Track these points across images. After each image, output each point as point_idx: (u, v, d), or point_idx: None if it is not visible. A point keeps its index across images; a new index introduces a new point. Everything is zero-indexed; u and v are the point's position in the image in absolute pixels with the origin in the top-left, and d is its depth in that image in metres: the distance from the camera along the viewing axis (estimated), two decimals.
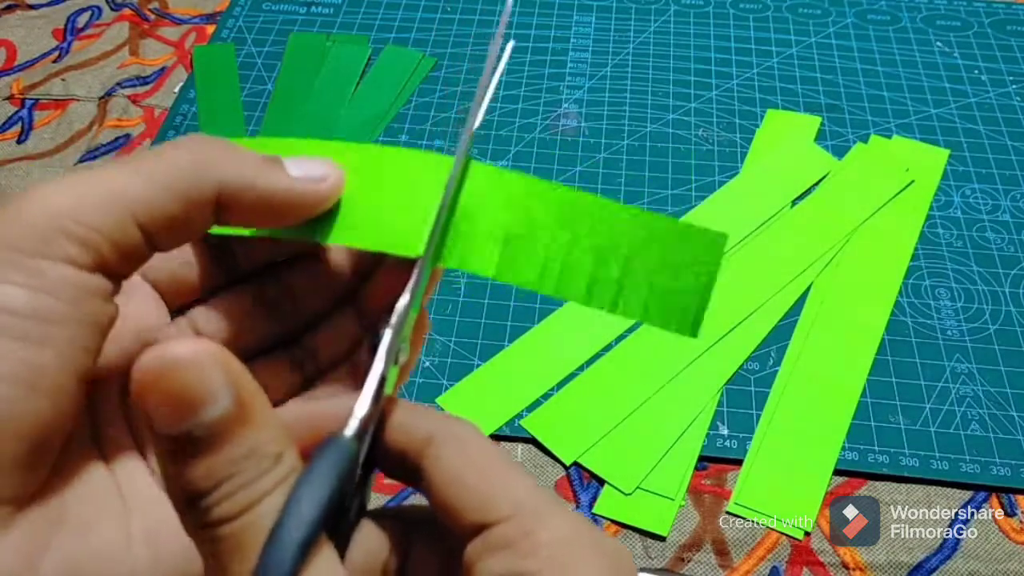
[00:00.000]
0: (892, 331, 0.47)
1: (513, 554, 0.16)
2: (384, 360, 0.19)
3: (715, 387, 0.45)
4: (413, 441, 0.19)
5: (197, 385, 0.15)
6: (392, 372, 0.19)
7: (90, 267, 0.17)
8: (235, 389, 0.16)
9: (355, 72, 0.61)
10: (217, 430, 0.15)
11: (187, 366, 0.15)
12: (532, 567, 0.16)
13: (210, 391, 0.15)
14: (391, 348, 0.19)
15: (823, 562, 0.39)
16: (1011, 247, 0.51)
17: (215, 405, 0.15)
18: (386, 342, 0.19)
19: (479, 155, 0.57)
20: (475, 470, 0.18)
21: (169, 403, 0.15)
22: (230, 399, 0.16)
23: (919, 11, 0.67)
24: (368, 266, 0.23)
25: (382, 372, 0.19)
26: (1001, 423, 0.44)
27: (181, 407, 0.15)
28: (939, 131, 0.58)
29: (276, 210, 0.20)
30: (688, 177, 0.55)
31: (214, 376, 0.15)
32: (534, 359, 0.46)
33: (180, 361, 0.15)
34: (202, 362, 0.15)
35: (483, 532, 0.17)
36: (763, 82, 0.62)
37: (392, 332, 0.19)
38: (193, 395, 0.15)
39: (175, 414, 0.15)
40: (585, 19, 0.67)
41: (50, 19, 0.67)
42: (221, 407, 0.15)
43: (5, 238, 0.17)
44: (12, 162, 0.57)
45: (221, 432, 0.16)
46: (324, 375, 0.23)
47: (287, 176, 0.20)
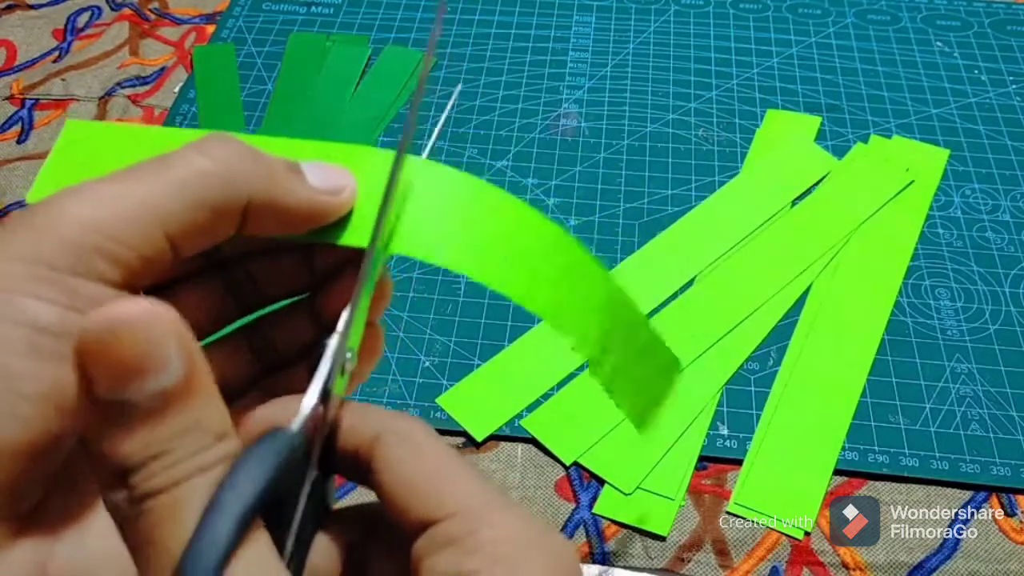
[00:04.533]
0: (892, 331, 0.47)
1: (456, 551, 0.16)
2: (330, 364, 0.19)
3: (715, 387, 0.45)
4: (361, 441, 0.19)
5: (147, 349, 0.14)
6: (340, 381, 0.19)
7: (120, 284, 0.17)
8: (187, 359, 0.15)
9: (355, 72, 0.61)
10: (162, 400, 0.15)
11: (139, 327, 0.14)
12: (475, 565, 0.16)
13: (161, 357, 0.14)
14: (337, 354, 0.19)
15: (823, 562, 0.39)
16: (1011, 247, 0.51)
17: (164, 373, 0.14)
18: (332, 348, 0.19)
19: (479, 155, 0.57)
20: (420, 468, 0.18)
21: (114, 365, 0.14)
22: (181, 369, 0.15)
23: (919, 11, 0.67)
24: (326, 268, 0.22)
25: (327, 374, 0.19)
26: (1001, 423, 0.44)
27: (127, 371, 0.14)
28: (939, 131, 0.58)
29: (296, 221, 0.19)
30: (688, 177, 0.55)
31: (166, 341, 0.14)
32: (534, 359, 0.46)
33: (132, 321, 0.14)
34: (155, 325, 0.14)
35: (428, 529, 0.17)
36: (763, 82, 0.62)
37: (338, 338, 0.19)
38: (142, 359, 0.14)
39: (119, 378, 0.14)
40: (585, 19, 0.67)
41: (50, 19, 0.67)
42: (170, 376, 0.15)
43: (38, 253, 0.16)
44: (12, 162, 0.57)
45: (164, 403, 0.15)
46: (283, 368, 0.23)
47: (309, 188, 0.19)
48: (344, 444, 0.19)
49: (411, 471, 0.18)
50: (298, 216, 0.19)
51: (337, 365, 0.19)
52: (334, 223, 0.20)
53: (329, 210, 0.20)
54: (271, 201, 0.19)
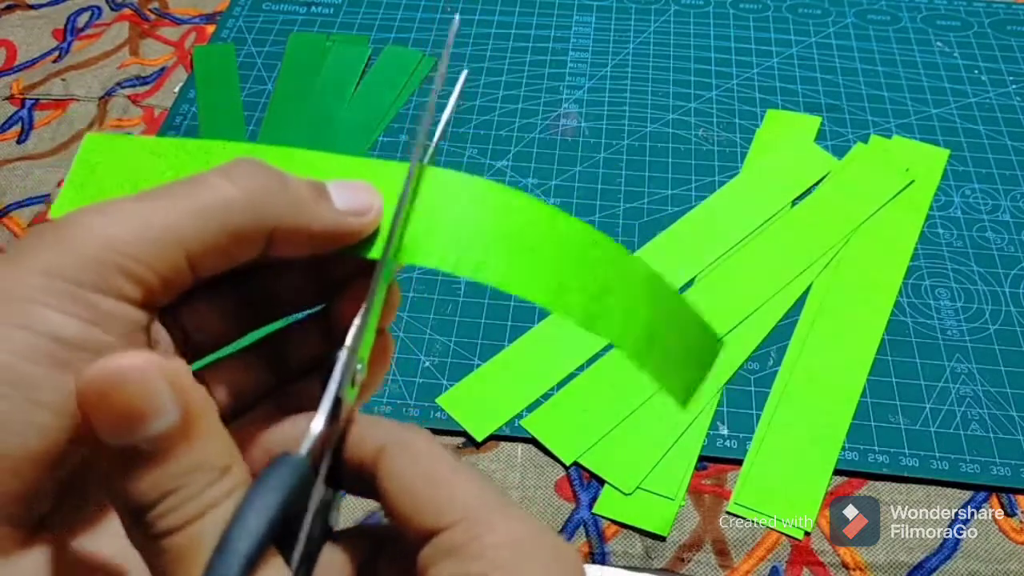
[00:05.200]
0: (892, 331, 0.47)
1: (460, 558, 0.17)
2: (339, 380, 0.19)
3: (715, 387, 0.45)
4: (366, 454, 0.19)
5: (142, 398, 0.15)
6: (351, 392, 0.19)
7: (139, 303, 0.17)
8: (181, 403, 0.16)
9: (355, 72, 0.61)
10: (162, 444, 0.15)
11: (133, 379, 0.15)
12: (478, 570, 0.16)
13: (156, 405, 0.15)
14: (346, 368, 0.19)
15: (823, 562, 0.39)
16: (1011, 247, 0.51)
17: (160, 419, 0.15)
18: (341, 362, 0.19)
19: (479, 155, 0.57)
20: (423, 477, 0.18)
21: (114, 416, 0.15)
22: (176, 413, 0.15)
23: (919, 11, 0.67)
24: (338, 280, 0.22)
25: (336, 392, 0.19)
26: (1001, 423, 0.44)
27: (126, 420, 0.15)
28: (939, 131, 0.58)
29: (321, 244, 0.20)
30: (688, 177, 0.55)
31: (160, 389, 0.15)
32: (534, 359, 0.46)
33: (125, 374, 0.15)
34: (148, 375, 0.15)
35: (433, 538, 0.17)
36: (763, 82, 0.62)
37: (347, 352, 0.19)
38: (138, 409, 0.15)
39: (120, 427, 0.15)
40: (585, 19, 0.67)
41: (50, 19, 0.67)
42: (166, 421, 0.15)
43: (63, 268, 0.17)
44: (12, 162, 0.57)
45: (166, 446, 0.15)
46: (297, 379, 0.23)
47: (335, 212, 0.19)
48: (349, 459, 0.19)
49: (413, 481, 0.18)
50: (325, 240, 0.19)
51: (347, 377, 0.19)
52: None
53: (356, 232, 0.20)
54: (298, 228, 0.19)
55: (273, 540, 0.16)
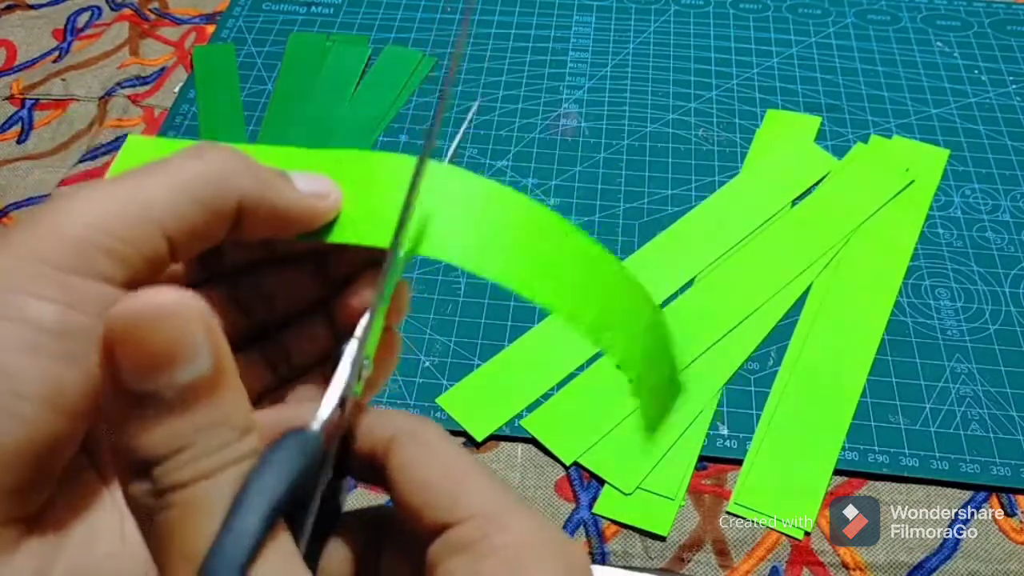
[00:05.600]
0: (892, 331, 0.47)
1: (471, 556, 0.16)
2: (348, 368, 0.19)
3: (715, 387, 0.45)
4: (377, 443, 0.19)
5: (177, 339, 0.14)
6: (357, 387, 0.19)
7: (120, 282, 0.17)
8: (215, 351, 0.15)
9: (355, 72, 0.61)
10: (189, 392, 0.14)
11: (169, 316, 0.14)
12: (489, 569, 0.16)
13: (190, 348, 0.14)
14: (356, 359, 0.19)
15: (823, 562, 0.39)
16: (1011, 247, 0.51)
17: (192, 364, 0.14)
18: (351, 352, 0.19)
19: (479, 155, 0.57)
20: (435, 471, 0.18)
21: (142, 355, 0.14)
22: (208, 361, 0.14)
23: (919, 11, 0.67)
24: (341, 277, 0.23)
25: (347, 379, 0.19)
26: (1001, 423, 0.44)
27: (155, 361, 0.14)
28: (939, 131, 0.58)
29: (286, 222, 0.20)
30: (688, 177, 0.55)
31: (196, 332, 0.14)
32: (534, 359, 0.46)
33: (162, 310, 0.14)
34: (186, 315, 0.14)
35: (443, 533, 0.17)
36: (763, 82, 0.62)
37: (357, 343, 0.19)
38: (171, 349, 0.14)
39: (147, 368, 0.14)
40: (585, 19, 0.67)
41: (50, 19, 0.67)
42: (199, 368, 0.14)
43: (39, 252, 0.16)
44: (12, 162, 0.57)
45: (192, 396, 0.14)
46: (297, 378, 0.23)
47: (298, 191, 0.20)
48: (359, 447, 0.19)
49: (425, 474, 0.18)
50: (290, 218, 0.20)
51: (355, 369, 0.19)
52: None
53: (318, 212, 0.20)
54: (261, 201, 0.19)
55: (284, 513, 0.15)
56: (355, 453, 0.19)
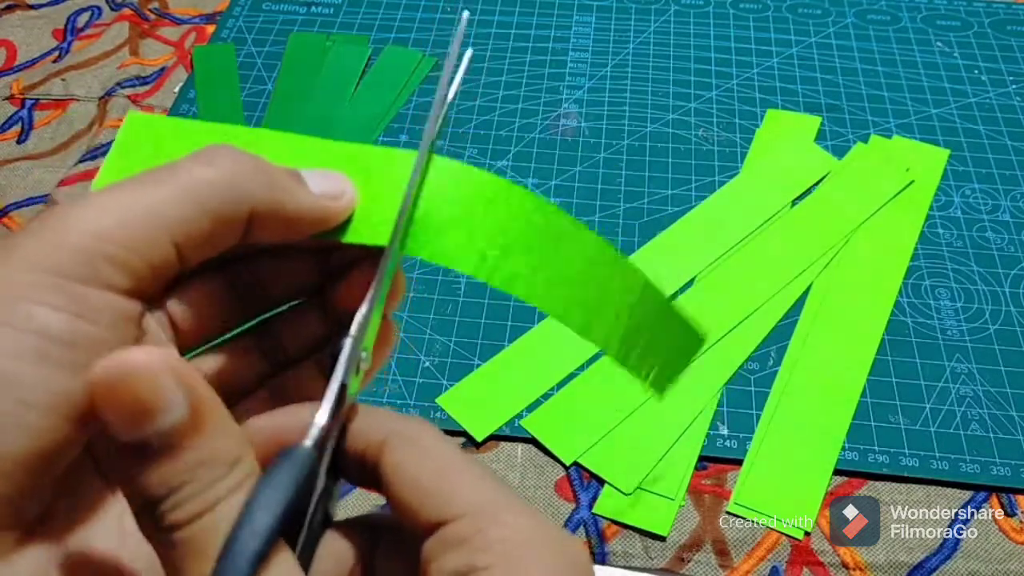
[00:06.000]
0: (892, 331, 0.47)
1: (466, 551, 0.17)
2: (343, 370, 0.19)
3: (715, 387, 0.45)
4: (369, 445, 0.19)
5: (151, 394, 0.15)
6: (354, 381, 0.19)
7: (129, 292, 0.17)
8: (190, 398, 0.16)
9: (355, 72, 0.61)
10: (171, 438, 0.16)
11: (141, 375, 0.15)
12: (484, 561, 0.16)
13: (164, 400, 0.15)
14: (351, 358, 0.19)
15: (823, 562, 0.39)
16: (1011, 247, 0.51)
17: (169, 414, 0.15)
18: (346, 352, 0.19)
19: (479, 155, 0.57)
20: (428, 469, 0.18)
21: (124, 412, 0.15)
22: (184, 408, 0.16)
23: (919, 11, 0.67)
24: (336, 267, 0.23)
25: (341, 382, 0.19)
26: (1001, 423, 0.44)
27: (136, 416, 0.15)
28: (939, 131, 0.58)
29: (300, 227, 0.20)
30: (688, 177, 0.55)
31: (168, 385, 0.15)
32: (534, 359, 0.46)
33: (134, 370, 0.15)
34: (156, 371, 0.15)
35: (438, 531, 0.17)
36: (763, 82, 0.62)
37: (351, 342, 0.19)
38: (147, 404, 0.15)
39: (130, 422, 0.15)
40: (585, 19, 0.67)
41: (50, 19, 0.67)
42: (175, 416, 0.15)
43: (46, 260, 0.16)
44: (12, 162, 0.57)
45: (175, 440, 0.16)
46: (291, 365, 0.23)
47: (311, 194, 0.20)
48: (352, 448, 0.19)
49: (418, 473, 0.18)
50: (303, 221, 0.20)
51: (352, 366, 0.19)
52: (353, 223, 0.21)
53: (332, 214, 0.20)
54: (275, 208, 0.19)
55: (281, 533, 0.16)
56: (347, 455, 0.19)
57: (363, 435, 0.19)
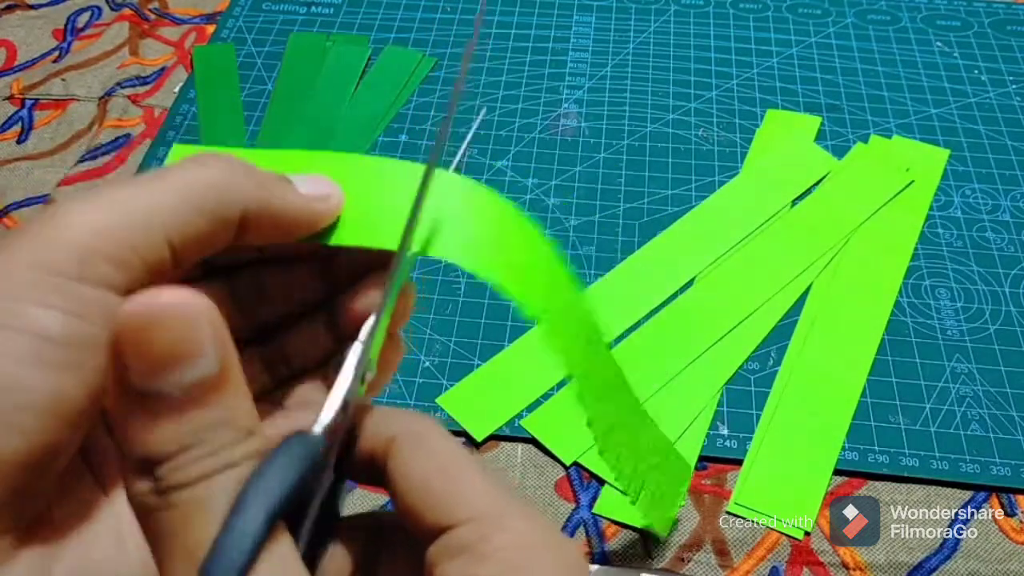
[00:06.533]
0: (892, 331, 0.47)
1: (470, 558, 0.16)
2: (352, 371, 0.19)
3: (715, 387, 0.45)
4: (377, 444, 0.19)
5: (184, 338, 0.14)
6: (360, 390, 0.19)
7: (124, 290, 0.17)
8: (221, 351, 0.15)
9: (355, 72, 0.61)
10: (195, 392, 0.15)
11: (177, 317, 0.14)
12: (487, 572, 0.16)
13: (197, 348, 0.14)
14: (360, 361, 0.19)
15: (823, 562, 0.39)
16: (1011, 247, 0.51)
17: (199, 364, 0.14)
18: (355, 354, 0.19)
19: (479, 155, 0.57)
20: (434, 472, 0.18)
21: (150, 353, 0.14)
22: (215, 361, 0.15)
23: (919, 11, 0.67)
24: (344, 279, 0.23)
25: (350, 382, 0.19)
26: (1001, 423, 0.44)
27: (162, 360, 0.14)
28: (939, 131, 0.58)
29: (290, 227, 0.20)
30: (688, 177, 0.55)
31: (203, 332, 0.14)
32: (534, 359, 0.46)
33: (170, 309, 0.14)
34: (193, 315, 0.14)
35: (442, 535, 0.17)
36: (763, 82, 0.62)
37: (361, 345, 0.19)
38: (179, 349, 0.14)
39: (154, 367, 0.14)
40: (585, 19, 0.67)
41: (50, 19, 0.67)
42: (205, 367, 0.15)
43: (42, 259, 0.16)
44: (12, 162, 0.57)
45: (198, 395, 0.15)
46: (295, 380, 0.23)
47: (300, 196, 0.20)
48: (360, 448, 0.19)
49: (424, 475, 0.18)
50: (292, 222, 0.20)
51: (359, 372, 0.19)
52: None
53: (320, 214, 0.21)
54: (264, 208, 0.19)
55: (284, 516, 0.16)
56: (355, 454, 0.19)
57: (372, 434, 0.19)
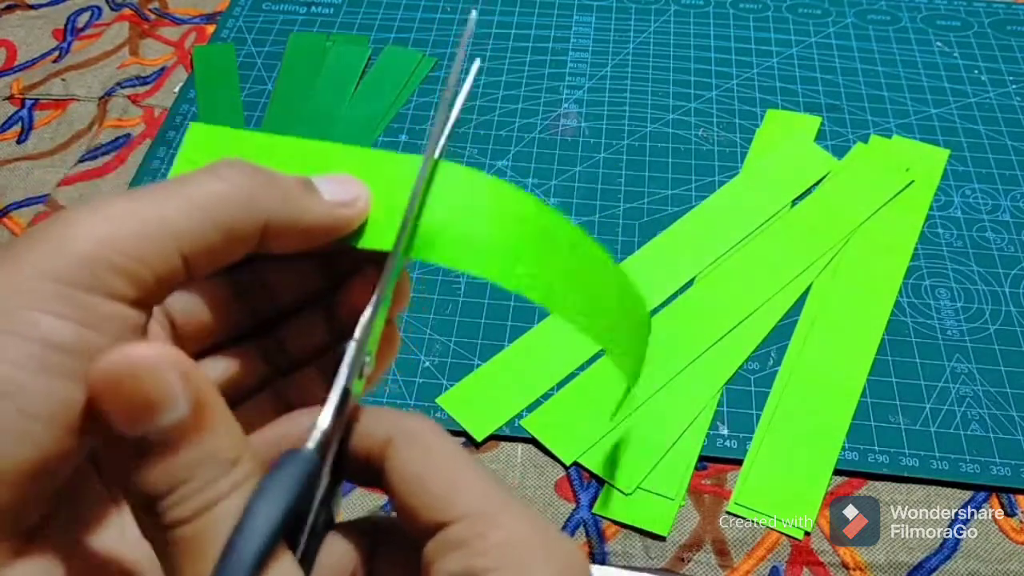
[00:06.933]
0: (892, 331, 0.47)
1: (466, 553, 0.17)
2: (347, 374, 0.19)
3: (715, 387, 0.45)
4: (373, 444, 0.19)
5: (154, 390, 0.15)
6: (357, 385, 0.19)
7: (133, 302, 0.17)
8: (192, 395, 0.16)
9: (355, 72, 0.61)
10: (173, 435, 0.15)
11: (144, 371, 0.15)
12: (484, 565, 0.16)
13: (166, 397, 0.15)
14: (354, 362, 0.19)
15: (823, 562, 0.39)
16: (1011, 247, 0.51)
17: (171, 411, 0.15)
18: (349, 356, 0.19)
19: (479, 155, 0.57)
20: (431, 470, 0.18)
21: (126, 407, 0.15)
22: (186, 405, 0.15)
23: (919, 11, 0.67)
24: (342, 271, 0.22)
25: (344, 386, 0.19)
26: (1001, 423, 0.44)
27: (138, 411, 0.15)
28: (939, 131, 0.58)
29: (316, 237, 0.20)
30: (688, 177, 0.55)
31: (171, 381, 0.15)
32: (534, 359, 0.46)
33: (137, 365, 0.15)
34: (159, 367, 0.15)
35: (439, 532, 0.17)
36: (763, 82, 0.62)
37: (356, 346, 0.19)
38: (150, 400, 0.15)
39: (132, 418, 0.15)
40: (585, 19, 0.67)
41: (50, 19, 0.67)
42: (177, 413, 0.15)
43: (53, 268, 0.16)
44: (12, 162, 0.57)
45: (176, 437, 0.15)
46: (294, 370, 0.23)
47: (324, 204, 0.20)
48: (356, 448, 0.19)
49: (421, 474, 0.18)
50: (318, 232, 0.20)
51: (355, 370, 0.19)
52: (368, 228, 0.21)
53: (347, 222, 0.20)
54: (290, 221, 0.19)
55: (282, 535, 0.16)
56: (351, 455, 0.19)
57: (367, 435, 0.19)
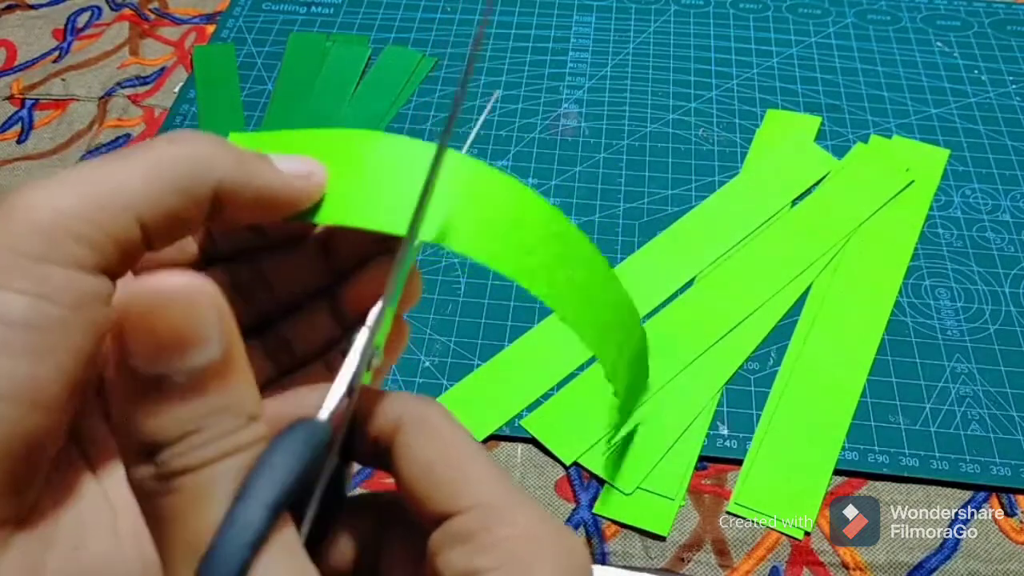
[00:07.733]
0: (892, 331, 0.47)
1: (471, 548, 0.16)
2: (359, 357, 0.19)
3: (715, 387, 0.45)
4: (383, 427, 0.19)
5: (189, 324, 0.14)
6: (365, 377, 0.19)
7: (94, 269, 0.16)
8: (226, 337, 0.15)
9: (355, 72, 0.61)
10: (198, 377, 0.14)
11: (182, 300, 0.14)
12: (488, 563, 0.16)
13: (201, 334, 0.14)
14: (366, 347, 0.19)
15: (823, 562, 0.39)
16: (1011, 247, 0.51)
17: (203, 350, 0.14)
18: (362, 340, 0.19)
19: (479, 155, 0.57)
20: (439, 458, 0.18)
21: (154, 339, 0.14)
22: (219, 347, 0.14)
23: (919, 11, 0.67)
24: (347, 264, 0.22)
25: (356, 368, 0.18)
26: (1001, 423, 0.44)
27: (167, 345, 0.14)
28: (939, 131, 0.58)
29: (269, 205, 0.19)
30: (688, 177, 0.55)
31: (208, 317, 0.14)
32: (534, 359, 0.46)
33: (175, 293, 0.14)
34: (198, 299, 0.14)
35: (445, 522, 0.17)
36: (763, 82, 0.62)
37: (368, 332, 0.19)
38: (183, 335, 0.14)
39: (158, 353, 0.14)
40: (585, 19, 0.67)
41: (50, 19, 0.67)
42: (210, 353, 0.14)
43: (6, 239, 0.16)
44: (12, 162, 0.57)
45: (201, 380, 0.14)
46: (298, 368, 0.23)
47: (279, 172, 0.19)
48: (365, 431, 0.19)
49: (429, 461, 0.18)
50: (272, 201, 0.19)
51: (365, 359, 0.19)
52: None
53: (301, 191, 0.20)
54: (241, 185, 0.19)
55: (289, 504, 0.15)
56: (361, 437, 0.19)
57: (376, 418, 0.19)
